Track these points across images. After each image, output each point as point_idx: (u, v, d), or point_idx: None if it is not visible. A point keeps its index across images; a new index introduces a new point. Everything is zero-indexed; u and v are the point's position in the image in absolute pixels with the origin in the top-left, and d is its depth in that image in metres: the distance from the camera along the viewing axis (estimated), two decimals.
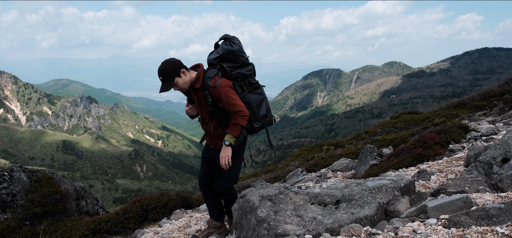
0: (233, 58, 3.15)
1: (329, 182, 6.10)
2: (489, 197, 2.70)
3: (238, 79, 3.17)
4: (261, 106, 3.22)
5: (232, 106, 3.02)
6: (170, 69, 3.09)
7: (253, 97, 3.20)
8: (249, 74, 3.21)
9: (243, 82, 3.19)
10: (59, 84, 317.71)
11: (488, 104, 11.56)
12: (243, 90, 3.18)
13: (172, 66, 3.09)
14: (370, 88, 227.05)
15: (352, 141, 12.42)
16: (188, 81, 3.16)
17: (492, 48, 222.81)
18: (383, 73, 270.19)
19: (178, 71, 3.10)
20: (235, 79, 3.16)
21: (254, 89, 3.23)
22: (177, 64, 3.11)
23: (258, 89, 3.25)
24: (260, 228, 2.81)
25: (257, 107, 3.19)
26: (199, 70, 3.20)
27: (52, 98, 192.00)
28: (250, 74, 3.22)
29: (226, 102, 3.03)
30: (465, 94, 16.85)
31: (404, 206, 2.83)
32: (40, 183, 5.96)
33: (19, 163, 10.86)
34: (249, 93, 3.19)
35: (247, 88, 3.19)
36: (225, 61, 3.16)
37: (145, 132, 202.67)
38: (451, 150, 5.96)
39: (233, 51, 3.13)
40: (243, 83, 3.18)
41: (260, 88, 3.27)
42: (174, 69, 3.09)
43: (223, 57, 3.16)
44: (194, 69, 3.25)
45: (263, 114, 3.22)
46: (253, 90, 3.22)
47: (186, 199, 6.44)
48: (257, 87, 3.25)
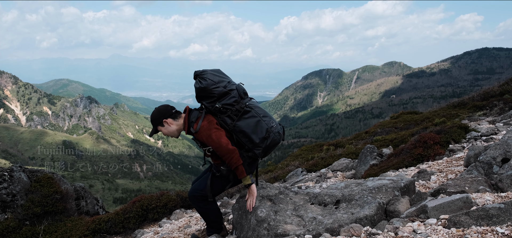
0: (207, 95, 2.99)
1: (329, 182, 6.10)
2: (489, 197, 2.70)
3: (221, 112, 3.01)
4: (257, 129, 3.01)
5: (217, 150, 2.95)
6: (154, 117, 3.13)
7: (244, 123, 3.01)
8: (232, 102, 3.00)
9: (230, 112, 3.01)
10: (59, 84, 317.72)
11: (488, 104, 11.56)
12: (233, 119, 3.01)
13: (157, 115, 3.12)
14: (370, 88, 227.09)
15: (352, 141, 12.42)
16: (174, 130, 3.13)
17: (492, 48, 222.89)
18: (383, 73, 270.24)
19: (161, 121, 3.11)
20: (219, 112, 3.01)
21: (244, 114, 3.02)
22: (162, 113, 3.11)
23: (249, 113, 3.03)
24: (260, 228, 2.81)
25: (252, 132, 3.00)
26: (185, 115, 3.13)
27: (52, 98, 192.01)
28: (234, 101, 3.01)
29: (211, 146, 2.97)
30: (465, 94, 16.86)
31: (404, 206, 2.83)
32: (40, 183, 5.96)
33: (19, 163, 10.84)
34: (239, 121, 3.01)
35: (236, 117, 3.01)
36: (202, 98, 3.04)
37: (145, 132, 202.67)
38: (451, 150, 5.96)
39: (203, 89, 2.98)
40: (229, 113, 3.01)
41: (251, 111, 3.03)
42: (158, 118, 3.11)
43: (198, 96, 3.04)
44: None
45: (263, 137, 3.02)
46: (242, 117, 3.02)
47: (186, 199, 6.43)
48: (247, 111, 3.02)
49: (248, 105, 3.04)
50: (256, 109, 3.05)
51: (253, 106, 3.06)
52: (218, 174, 3.17)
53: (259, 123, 3.01)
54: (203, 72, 3.01)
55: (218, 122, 3.03)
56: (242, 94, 3.05)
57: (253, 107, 3.06)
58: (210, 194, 3.21)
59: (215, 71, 3.06)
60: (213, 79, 2.98)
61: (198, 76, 3.02)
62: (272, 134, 3.04)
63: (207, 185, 3.21)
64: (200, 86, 2.97)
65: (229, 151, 2.91)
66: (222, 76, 3.05)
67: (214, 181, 3.21)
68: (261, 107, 3.13)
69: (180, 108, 3.30)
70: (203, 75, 2.99)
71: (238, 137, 3.03)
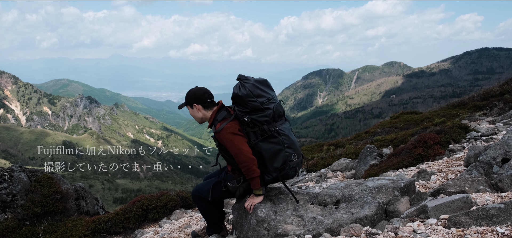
0: (241, 103, 2.90)
1: (329, 182, 6.10)
2: (489, 197, 2.70)
3: (249, 126, 2.90)
4: (275, 158, 2.89)
5: (236, 156, 2.85)
6: (188, 95, 3.10)
7: (266, 147, 2.89)
8: (263, 120, 2.87)
9: (257, 129, 2.89)
10: (59, 84, 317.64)
11: (488, 104, 11.56)
12: (257, 137, 2.89)
13: (191, 96, 3.08)
14: (370, 88, 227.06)
15: (352, 141, 12.43)
16: (199, 117, 3.09)
17: (492, 48, 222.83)
18: (383, 73, 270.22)
19: (191, 102, 3.08)
20: (246, 125, 2.90)
21: (269, 138, 2.88)
22: (196, 97, 3.07)
23: (275, 139, 2.88)
24: (260, 228, 2.81)
25: (269, 158, 2.89)
26: (214, 110, 3.06)
27: (52, 98, 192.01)
28: (265, 120, 2.87)
29: (230, 150, 2.89)
30: (465, 94, 16.85)
31: (404, 206, 2.83)
32: (40, 183, 5.96)
33: (19, 163, 10.83)
34: (261, 142, 2.88)
35: (260, 137, 2.88)
36: (235, 104, 2.96)
37: (145, 132, 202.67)
38: (451, 150, 5.96)
39: (239, 96, 2.89)
40: (256, 130, 2.89)
41: (278, 137, 2.89)
42: (191, 99, 3.08)
43: (233, 100, 2.97)
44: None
45: (277, 167, 2.91)
46: (267, 139, 2.89)
47: (186, 199, 6.43)
48: (274, 136, 2.88)
49: (277, 131, 2.90)
50: (283, 137, 2.91)
51: (281, 133, 2.91)
52: (225, 189, 3.14)
53: (279, 153, 2.90)
54: (246, 80, 2.91)
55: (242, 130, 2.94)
56: (276, 116, 2.93)
57: (281, 133, 2.91)
58: (210, 197, 3.22)
59: (260, 82, 2.93)
60: (253, 91, 2.87)
61: (240, 81, 2.94)
62: (288, 168, 2.94)
63: (209, 190, 3.21)
64: (237, 93, 2.90)
65: (249, 159, 2.83)
66: (264, 91, 2.92)
67: (217, 188, 3.21)
68: (291, 134, 2.99)
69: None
70: (245, 83, 2.89)
71: (254, 155, 2.95)
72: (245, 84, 2.88)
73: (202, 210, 3.39)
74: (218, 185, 3.20)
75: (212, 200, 3.25)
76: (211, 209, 3.34)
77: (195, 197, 3.33)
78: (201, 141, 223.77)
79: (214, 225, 3.45)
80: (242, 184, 3.03)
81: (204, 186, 3.30)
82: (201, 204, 3.32)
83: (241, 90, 2.88)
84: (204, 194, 3.26)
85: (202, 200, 3.29)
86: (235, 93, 2.91)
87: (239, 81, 2.94)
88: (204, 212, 3.39)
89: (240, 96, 2.88)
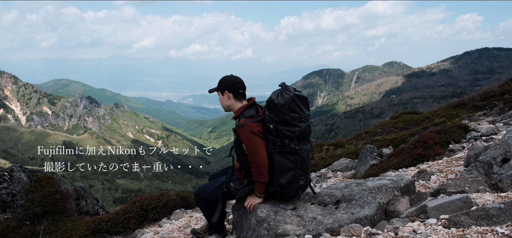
0: (274, 110, 2.84)
1: (329, 182, 6.10)
2: (489, 197, 2.70)
3: (272, 133, 2.85)
4: (284, 174, 2.86)
5: (250, 154, 2.85)
6: (222, 82, 3.08)
7: (280, 160, 2.84)
8: (288, 135, 2.81)
9: (278, 140, 2.83)
10: (59, 84, 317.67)
11: (488, 104, 11.55)
12: (274, 147, 2.84)
13: (224, 83, 3.06)
14: (370, 88, 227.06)
15: (352, 141, 12.42)
16: (227, 105, 3.09)
17: (492, 48, 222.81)
18: (383, 73, 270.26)
19: (223, 89, 3.07)
20: (270, 132, 2.85)
21: (286, 153, 2.84)
22: (229, 85, 3.05)
23: (292, 156, 2.83)
24: (260, 228, 2.81)
25: (278, 172, 2.86)
26: (244, 104, 3.07)
27: (52, 98, 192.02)
28: (290, 136, 2.81)
29: (246, 148, 2.88)
30: (465, 94, 16.85)
31: (404, 206, 2.83)
32: (40, 183, 5.96)
33: (19, 163, 10.83)
34: (277, 153, 2.83)
35: (278, 148, 2.83)
36: (268, 109, 2.90)
37: (145, 132, 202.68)
38: (451, 150, 5.96)
39: (274, 104, 2.83)
40: (277, 140, 2.83)
41: (295, 156, 2.83)
42: (223, 86, 3.07)
43: (267, 104, 2.91)
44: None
45: (282, 183, 2.88)
46: (284, 153, 2.84)
47: (186, 199, 6.44)
48: (291, 153, 2.83)
49: (296, 149, 2.85)
50: (299, 158, 2.87)
51: (299, 153, 2.87)
52: (226, 189, 3.15)
53: (290, 171, 2.87)
54: (287, 91, 2.86)
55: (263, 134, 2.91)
56: (301, 137, 2.87)
57: (299, 153, 2.87)
58: (215, 197, 3.24)
59: (299, 98, 2.89)
60: (289, 104, 2.82)
61: (281, 89, 2.90)
62: (291, 188, 2.93)
63: (214, 191, 3.23)
64: (274, 100, 2.85)
65: (262, 163, 2.82)
66: (300, 109, 2.87)
67: (219, 188, 3.21)
68: (307, 157, 2.94)
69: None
70: (285, 94, 2.84)
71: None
72: (284, 95, 2.84)
73: (204, 211, 3.40)
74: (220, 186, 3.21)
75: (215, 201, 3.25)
76: (213, 210, 3.35)
77: (198, 198, 3.34)
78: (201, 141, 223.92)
79: (215, 225, 3.46)
80: (244, 187, 3.04)
81: (207, 187, 3.30)
82: (204, 205, 3.34)
83: (279, 99, 2.83)
84: (207, 195, 3.26)
85: (205, 201, 3.30)
86: (271, 99, 2.87)
87: (280, 89, 2.90)
88: (206, 213, 3.40)
89: (276, 104, 2.83)
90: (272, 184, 2.92)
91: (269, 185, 2.95)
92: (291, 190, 2.95)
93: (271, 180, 2.92)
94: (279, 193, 2.95)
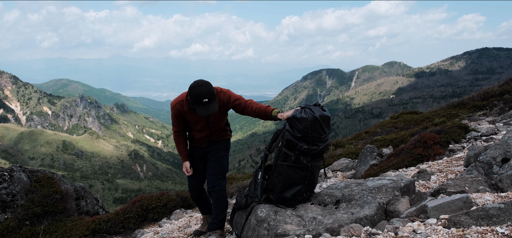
0: (295, 125, 2.79)
1: (329, 182, 6.10)
2: (489, 197, 2.70)
3: (284, 144, 2.83)
4: (290, 188, 2.86)
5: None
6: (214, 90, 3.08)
7: (289, 173, 2.83)
8: (301, 149, 2.77)
9: (293, 154, 2.80)
10: (59, 84, 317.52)
11: (488, 104, 11.55)
12: (285, 160, 2.82)
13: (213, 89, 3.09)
14: (370, 88, 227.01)
15: (352, 141, 12.42)
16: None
17: (492, 48, 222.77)
18: (383, 73, 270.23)
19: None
20: (285, 144, 2.82)
21: (298, 168, 2.81)
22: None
23: (302, 172, 2.82)
24: (260, 228, 2.80)
25: (285, 184, 2.86)
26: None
27: (52, 98, 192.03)
28: (303, 151, 2.77)
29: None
30: (465, 94, 16.83)
31: (404, 206, 2.83)
32: (40, 183, 5.96)
33: (19, 163, 10.82)
34: (289, 167, 2.82)
35: (289, 162, 2.81)
36: (290, 125, 2.84)
37: (145, 132, 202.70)
38: (451, 150, 5.96)
39: (298, 119, 2.78)
40: (291, 154, 2.80)
41: (305, 172, 2.82)
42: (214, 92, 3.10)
43: (289, 121, 2.86)
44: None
45: (286, 197, 2.89)
46: (295, 168, 2.81)
47: (186, 199, 6.44)
48: (302, 169, 2.81)
49: (307, 166, 2.84)
50: (308, 174, 2.87)
51: (311, 170, 2.87)
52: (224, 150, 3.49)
53: (296, 186, 2.87)
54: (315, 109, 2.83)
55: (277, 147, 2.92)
56: (316, 155, 2.86)
57: (310, 170, 2.87)
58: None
59: (323, 118, 2.84)
60: (312, 125, 2.77)
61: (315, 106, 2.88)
62: (294, 201, 2.92)
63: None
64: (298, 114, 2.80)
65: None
66: (322, 130, 2.85)
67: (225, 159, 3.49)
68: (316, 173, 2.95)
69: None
70: (314, 112, 2.80)
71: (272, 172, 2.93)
72: (315, 113, 2.79)
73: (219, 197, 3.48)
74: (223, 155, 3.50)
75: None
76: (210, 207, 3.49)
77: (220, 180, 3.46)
78: None
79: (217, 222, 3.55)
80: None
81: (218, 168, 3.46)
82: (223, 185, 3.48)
83: (302, 115, 2.80)
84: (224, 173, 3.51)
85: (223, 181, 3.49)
86: (294, 115, 2.82)
87: (315, 105, 2.88)
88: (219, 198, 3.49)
89: (298, 119, 2.79)
90: (275, 192, 2.93)
91: (272, 193, 2.95)
92: (291, 202, 2.94)
93: (274, 188, 2.92)
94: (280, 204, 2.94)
